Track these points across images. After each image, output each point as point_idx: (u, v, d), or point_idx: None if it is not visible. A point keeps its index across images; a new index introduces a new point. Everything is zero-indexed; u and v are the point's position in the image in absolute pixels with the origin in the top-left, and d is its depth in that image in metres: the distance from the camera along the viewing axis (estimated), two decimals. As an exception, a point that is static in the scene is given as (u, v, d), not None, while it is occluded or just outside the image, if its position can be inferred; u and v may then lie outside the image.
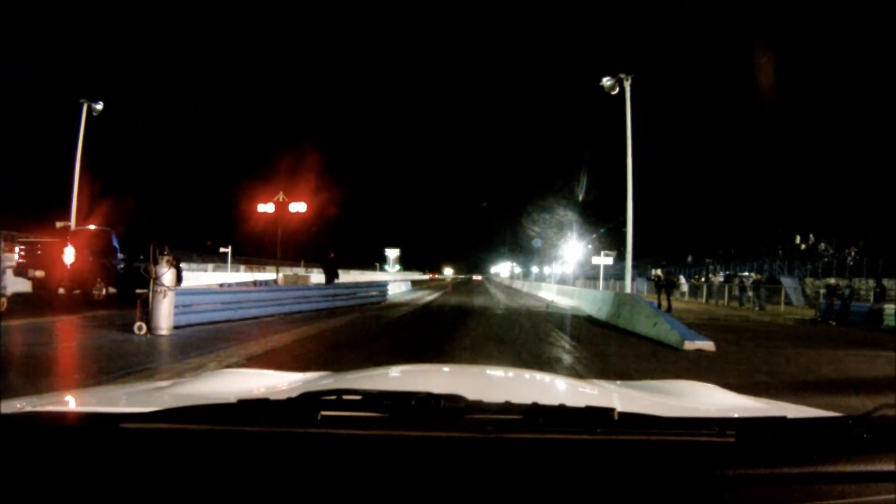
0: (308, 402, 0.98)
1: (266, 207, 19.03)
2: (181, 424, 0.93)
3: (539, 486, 0.80)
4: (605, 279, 44.20)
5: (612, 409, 0.96)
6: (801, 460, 0.85)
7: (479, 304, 19.37)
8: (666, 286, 18.94)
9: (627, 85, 16.19)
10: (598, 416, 0.94)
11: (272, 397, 1.06)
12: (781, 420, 1.05)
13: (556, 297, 22.19)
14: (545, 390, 1.79)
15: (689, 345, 8.57)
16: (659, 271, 19.33)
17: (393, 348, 8.20)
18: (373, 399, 1.00)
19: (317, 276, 30.80)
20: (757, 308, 22.03)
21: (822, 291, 20.29)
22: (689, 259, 55.24)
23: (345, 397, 1.00)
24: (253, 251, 47.38)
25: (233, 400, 1.02)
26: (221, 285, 14.56)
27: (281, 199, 18.82)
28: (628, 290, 14.84)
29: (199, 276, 28.02)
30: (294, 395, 1.00)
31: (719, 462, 0.85)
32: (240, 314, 10.66)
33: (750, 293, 23.26)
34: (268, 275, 30.74)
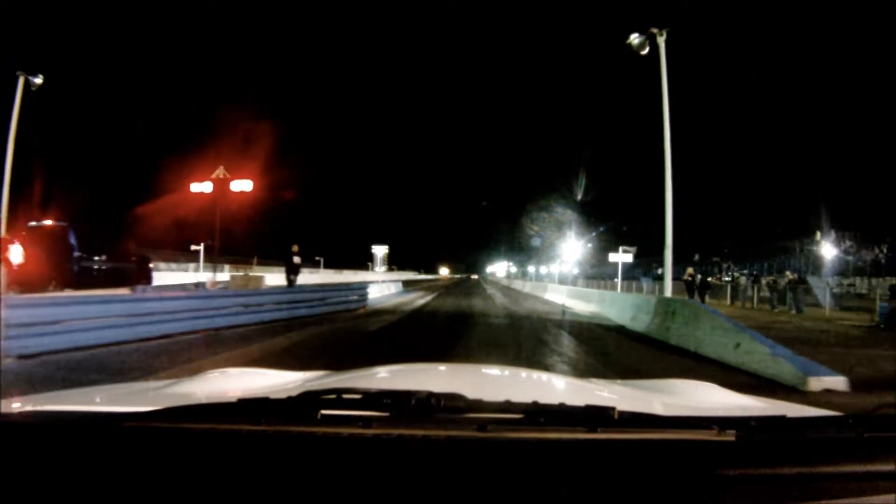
0: (308, 401, 0.99)
1: (202, 187, 15.25)
2: (182, 424, 0.93)
3: (540, 484, 0.79)
4: (610, 279, 41.64)
5: (613, 409, 0.95)
6: (801, 460, 0.85)
7: (478, 310, 16.11)
8: (700, 288, 15.95)
9: (661, 41, 13.18)
10: (598, 415, 0.94)
11: (272, 396, 1.04)
12: (781, 419, 1.04)
13: (568, 301, 18.95)
14: (545, 389, 1.76)
15: (816, 383, 5.45)
16: (691, 269, 16.34)
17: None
18: (372, 398, 0.99)
19: (277, 278, 27.41)
20: (793, 311, 19.26)
21: (882, 294, 17.56)
22: (696, 257, 52.76)
23: (345, 396, 1.00)
24: (244, 250, 43.46)
25: (233, 399, 1.01)
26: (134, 290, 11.30)
27: (221, 176, 15.23)
28: (668, 291, 11.79)
29: (166, 277, 25.09)
30: (294, 394, 1.01)
31: (719, 461, 0.84)
32: (144, 332, 7.47)
33: (776, 294, 20.52)
34: (252, 275, 27.62)
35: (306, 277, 49.09)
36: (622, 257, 19.41)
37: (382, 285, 24.52)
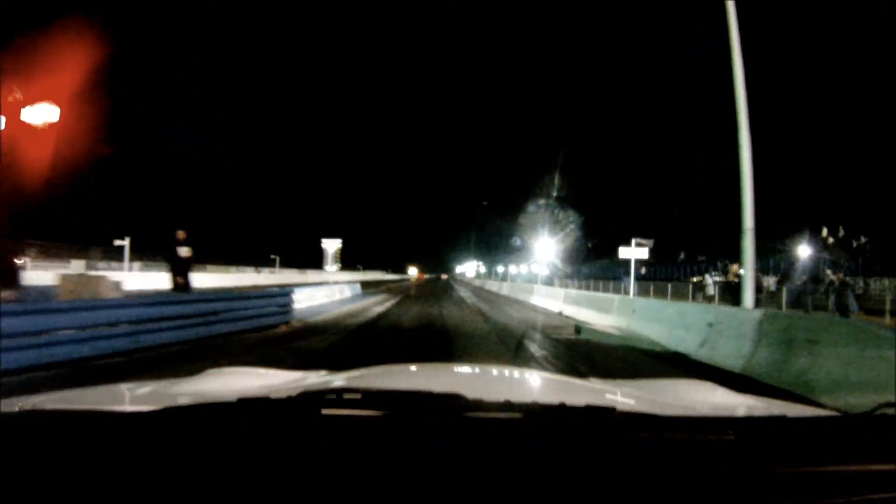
0: (308, 400, 0.99)
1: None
2: (182, 424, 0.92)
3: (539, 484, 0.78)
4: (592, 278, 38.03)
5: (613, 409, 0.94)
6: (801, 460, 0.84)
7: (454, 325, 11.59)
8: (733, 290, 12.10)
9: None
10: (598, 415, 0.93)
11: (273, 396, 1.03)
12: (781, 419, 1.03)
13: (569, 308, 14.65)
14: (545, 389, 1.75)
15: None
16: (735, 266, 12.54)
17: None
18: (373, 398, 1.00)
19: (147, 278, 22.04)
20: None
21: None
22: (682, 256, 49.88)
23: (345, 396, 0.99)
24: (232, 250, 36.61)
25: (233, 399, 0.99)
26: None
27: (15, 98, 9.75)
28: (749, 301, 7.75)
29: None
30: (294, 393, 1.00)
31: (719, 461, 0.83)
32: None
33: (811, 299, 17.18)
34: (232, 278, 22.42)
35: (258, 279, 43.87)
36: (636, 252, 15.13)
37: (334, 287, 19.87)
